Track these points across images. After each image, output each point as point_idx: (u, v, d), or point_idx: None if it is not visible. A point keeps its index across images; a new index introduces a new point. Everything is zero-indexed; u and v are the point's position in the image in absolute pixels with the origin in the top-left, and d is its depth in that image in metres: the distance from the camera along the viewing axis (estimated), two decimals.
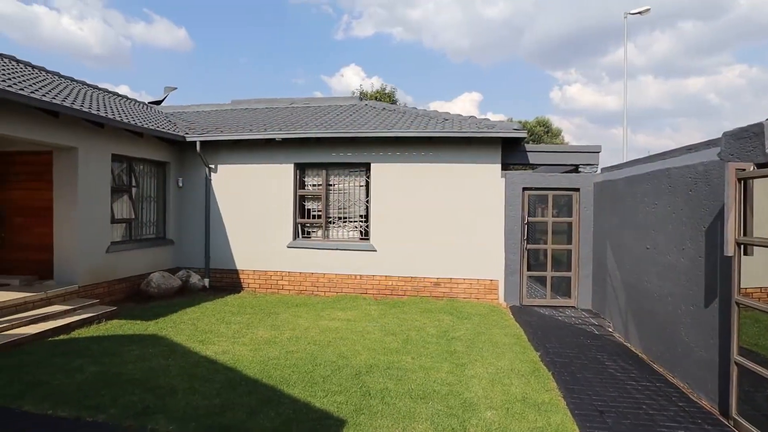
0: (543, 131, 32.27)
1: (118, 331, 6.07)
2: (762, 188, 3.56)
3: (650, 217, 5.36)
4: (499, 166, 8.27)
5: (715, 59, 66.57)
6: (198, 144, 8.99)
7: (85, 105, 7.11)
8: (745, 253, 3.59)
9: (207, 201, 9.29)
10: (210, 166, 9.30)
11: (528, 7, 69.54)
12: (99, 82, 11.35)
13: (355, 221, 9.00)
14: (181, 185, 9.46)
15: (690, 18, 63.74)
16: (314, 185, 9.10)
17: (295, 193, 9.01)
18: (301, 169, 9.12)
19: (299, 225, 9.12)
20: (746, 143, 3.68)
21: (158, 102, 13.00)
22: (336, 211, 9.04)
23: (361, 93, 27.13)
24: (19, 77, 6.85)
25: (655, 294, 5.14)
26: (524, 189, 8.11)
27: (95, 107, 7.35)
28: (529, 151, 8.51)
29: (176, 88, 13.63)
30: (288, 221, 8.99)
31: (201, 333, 6.05)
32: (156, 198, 9.13)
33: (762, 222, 3.55)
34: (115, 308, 6.97)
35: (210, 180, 9.32)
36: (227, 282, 9.28)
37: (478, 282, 8.31)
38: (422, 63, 74.04)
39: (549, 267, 8.12)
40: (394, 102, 26.83)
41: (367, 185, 8.84)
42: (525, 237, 8.09)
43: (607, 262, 6.84)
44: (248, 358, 5.07)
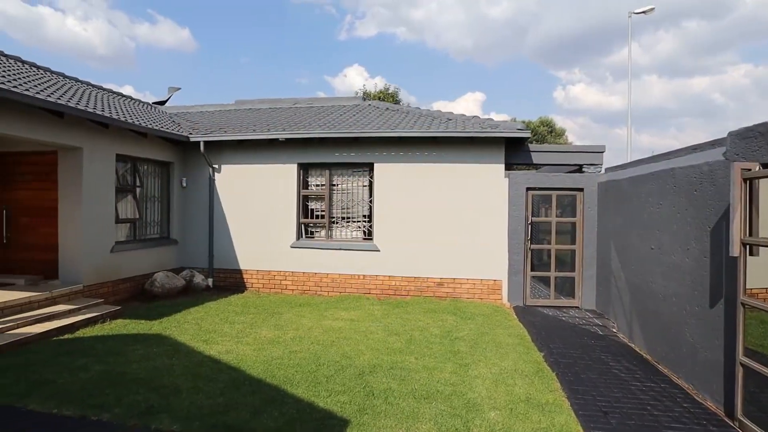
0: (546, 131, 32.18)
1: (123, 331, 6.09)
2: None
3: (655, 217, 5.34)
4: (503, 166, 8.26)
5: (720, 59, 66.31)
6: (202, 144, 9.02)
7: (90, 105, 7.14)
8: (751, 254, 3.57)
9: (211, 201, 9.31)
10: (214, 166, 9.33)
11: (531, 7, 69.42)
12: (103, 83, 11.41)
13: (359, 221, 9.00)
14: (185, 185, 9.50)
15: (694, 17, 63.48)
16: (317, 185, 9.11)
17: (299, 193, 9.02)
18: (305, 169, 9.13)
19: (303, 225, 9.14)
20: (752, 143, 3.66)
21: (162, 102, 13.06)
22: (339, 211, 9.05)
23: (365, 93, 27.13)
24: (25, 78, 6.89)
25: (660, 294, 5.12)
26: (528, 189, 8.10)
27: (100, 107, 7.39)
28: (533, 151, 8.49)
29: (180, 89, 13.69)
30: (291, 221, 9.01)
31: (205, 332, 6.07)
32: (160, 198, 9.17)
33: None
34: (120, 308, 7.00)
35: (214, 180, 9.34)
36: (231, 282, 9.30)
37: (482, 282, 8.30)
38: (425, 63, 74.06)
39: (553, 267, 8.10)
40: (398, 102, 26.83)
41: (371, 185, 8.85)
42: (529, 237, 8.08)
43: (612, 263, 6.82)
44: (252, 358, 5.09)
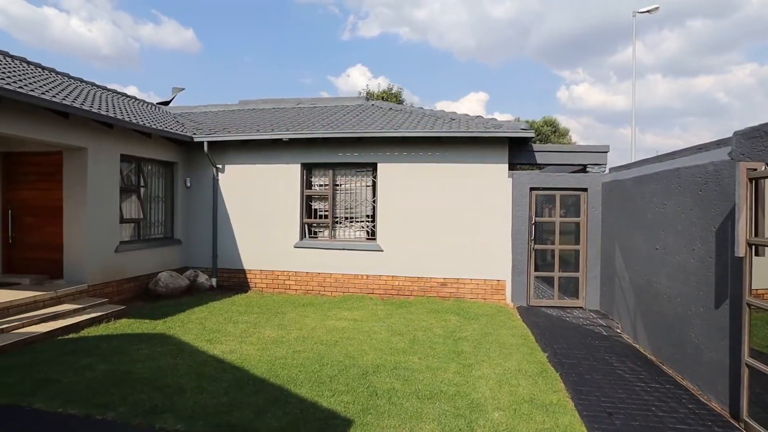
0: (550, 131, 32.12)
1: (127, 330, 6.12)
2: None
3: (659, 218, 5.31)
4: (506, 166, 8.24)
5: (725, 58, 65.93)
6: (206, 144, 9.04)
7: (95, 106, 7.17)
8: (757, 254, 3.55)
9: (214, 201, 9.34)
10: (217, 166, 9.35)
11: (535, 6, 69.26)
12: (108, 83, 11.45)
13: (362, 221, 9.01)
14: (189, 185, 9.52)
15: (699, 16, 63.18)
16: (321, 185, 9.12)
17: (302, 193, 9.03)
18: (308, 169, 9.14)
19: (306, 225, 9.15)
20: (757, 142, 3.64)
21: (166, 102, 13.11)
22: (343, 211, 9.05)
23: (368, 93, 27.14)
24: (30, 78, 6.92)
25: (665, 295, 5.10)
26: (531, 189, 8.08)
27: (104, 108, 7.42)
28: (537, 151, 8.47)
29: (184, 89, 13.75)
30: (295, 221, 9.02)
31: (209, 332, 6.09)
32: (164, 198, 9.20)
33: None
34: (124, 307, 7.03)
35: (217, 180, 9.37)
36: (234, 282, 9.32)
37: (485, 282, 8.29)
38: (428, 63, 74.03)
39: (556, 267, 8.07)
40: (401, 102, 26.82)
41: (374, 185, 8.85)
42: (532, 237, 8.06)
43: (616, 263, 6.79)
44: (255, 358, 5.09)
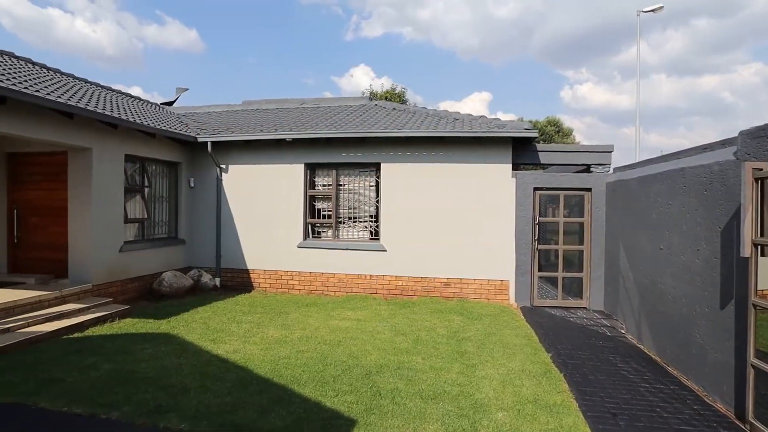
0: (554, 131, 32.04)
1: (131, 330, 6.14)
2: None
3: (664, 218, 5.29)
4: (510, 166, 8.23)
5: (730, 57, 65.60)
6: (209, 144, 9.06)
7: (99, 106, 7.20)
8: (762, 254, 3.53)
9: (218, 201, 9.36)
10: (221, 167, 9.38)
11: (538, 6, 69.10)
12: (112, 84, 11.50)
13: (365, 221, 9.01)
14: (193, 185, 9.55)
15: (703, 15, 62.87)
16: (324, 185, 9.13)
17: (306, 193, 9.04)
18: (312, 169, 9.15)
19: (309, 225, 9.16)
20: (763, 142, 3.62)
21: (170, 103, 13.15)
22: (346, 211, 9.05)
23: (371, 93, 27.15)
24: (35, 79, 6.96)
25: (669, 295, 5.07)
26: (535, 189, 8.06)
27: (109, 108, 7.45)
28: (540, 151, 8.45)
29: (188, 89, 13.78)
30: (298, 221, 9.03)
31: (212, 332, 6.10)
32: (168, 198, 9.23)
33: None
34: (128, 307, 7.05)
35: (221, 180, 9.39)
36: (238, 281, 9.34)
37: (489, 282, 8.27)
38: (432, 63, 74.04)
39: (560, 268, 8.05)
40: (404, 102, 26.81)
41: (377, 185, 8.85)
42: (536, 237, 8.04)
43: (620, 263, 6.77)
44: (259, 358, 5.10)
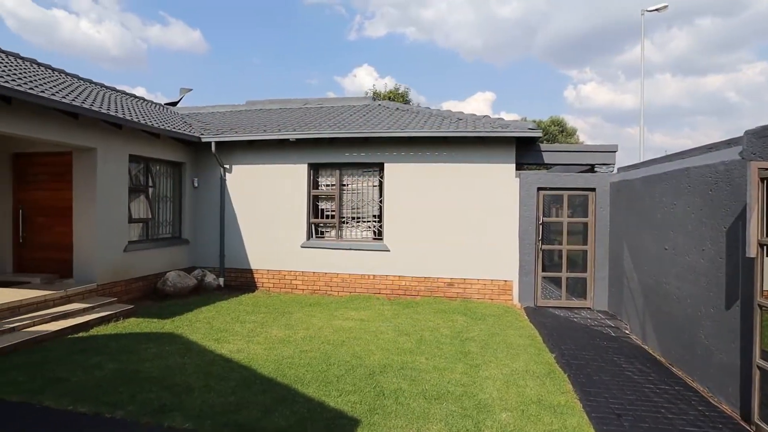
0: (558, 131, 31.93)
1: (136, 329, 6.16)
2: None
3: (669, 218, 5.26)
4: (514, 166, 8.21)
5: (735, 56, 65.10)
6: (213, 144, 9.09)
7: (104, 106, 7.23)
8: None
9: (222, 201, 9.38)
10: (225, 167, 9.40)
11: (542, 6, 68.89)
12: (116, 84, 11.56)
13: (369, 221, 9.01)
14: (197, 185, 9.58)
15: (708, 14, 62.48)
16: (328, 185, 9.13)
17: (309, 193, 9.05)
18: (315, 170, 9.16)
19: (313, 225, 9.16)
20: None
21: (174, 103, 13.19)
22: (349, 211, 9.06)
23: (374, 93, 27.13)
24: (41, 80, 6.99)
25: (674, 296, 5.05)
26: (539, 189, 8.04)
27: (113, 109, 7.48)
28: (544, 151, 8.42)
29: (192, 90, 13.85)
30: (302, 221, 9.04)
31: (216, 331, 6.12)
32: (172, 198, 9.26)
33: None
34: (133, 306, 7.08)
35: (225, 180, 9.41)
36: (242, 281, 9.36)
37: (492, 282, 8.26)
38: (435, 63, 73.87)
39: (564, 268, 8.03)
40: (408, 102, 26.79)
41: (381, 185, 8.85)
42: (540, 237, 8.02)
43: (624, 263, 6.74)
44: (263, 357, 5.11)
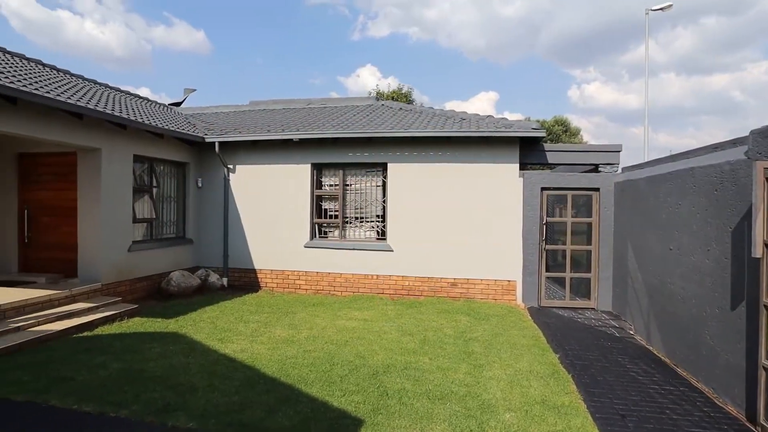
0: (561, 130, 31.85)
1: (140, 329, 6.18)
2: None
3: (674, 218, 5.24)
4: (517, 166, 8.19)
5: (740, 55, 64.70)
6: (217, 145, 9.11)
7: (108, 107, 7.26)
8: None
9: (225, 201, 9.41)
10: (228, 167, 9.42)
11: (545, 5, 68.70)
12: (120, 85, 11.60)
13: (372, 221, 9.01)
14: (201, 185, 9.60)
15: (713, 13, 62.11)
16: (331, 185, 9.14)
17: (312, 193, 9.06)
18: (318, 170, 9.17)
19: (316, 225, 9.17)
20: None
21: (178, 103, 13.24)
22: (353, 211, 9.06)
23: (378, 93, 27.14)
24: (46, 80, 7.03)
25: (679, 296, 5.03)
26: (543, 189, 8.01)
27: (117, 109, 7.51)
28: (548, 151, 8.40)
29: (195, 90, 13.90)
30: (305, 221, 9.05)
31: (220, 331, 6.13)
32: (176, 198, 9.29)
33: None
34: (137, 306, 7.10)
35: (228, 180, 9.43)
36: (245, 281, 9.38)
37: (496, 283, 8.24)
38: (438, 63, 73.85)
39: (568, 268, 8.00)
40: (411, 102, 26.77)
41: (384, 185, 8.84)
42: (543, 237, 8.00)
43: (628, 263, 6.71)
44: (266, 357, 5.12)
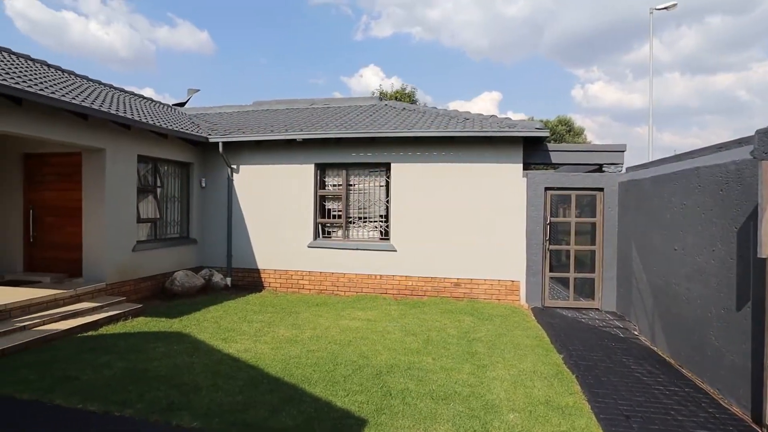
0: (565, 130, 31.76)
1: (144, 329, 6.20)
2: None
3: (678, 218, 5.22)
4: (521, 166, 8.17)
5: (745, 55, 64.31)
6: (220, 145, 9.13)
7: (113, 107, 7.30)
8: None
9: (229, 201, 9.43)
10: (232, 167, 9.44)
11: (549, 4, 68.53)
12: (125, 85, 11.66)
13: (375, 221, 9.01)
14: (204, 185, 9.63)
15: (718, 12, 61.76)
16: (334, 185, 9.15)
17: (316, 193, 9.07)
18: (322, 170, 9.17)
19: (319, 225, 9.18)
20: None
21: (182, 104, 13.27)
22: (356, 211, 9.06)
23: (381, 93, 27.12)
24: (51, 81, 7.06)
25: (684, 296, 5.00)
26: (546, 189, 7.99)
27: (122, 109, 7.54)
28: (552, 151, 8.37)
29: (199, 90, 13.92)
30: (308, 221, 9.06)
31: (224, 331, 6.14)
32: (180, 198, 9.31)
33: None
34: (141, 306, 7.12)
35: (232, 180, 9.45)
36: (249, 281, 9.40)
37: (499, 283, 8.22)
38: (441, 62, 73.82)
39: (572, 268, 7.97)
40: (414, 102, 26.76)
41: (387, 185, 8.84)
42: (547, 237, 7.97)
43: (633, 264, 6.69)
44: (270, 357, 5.13)
